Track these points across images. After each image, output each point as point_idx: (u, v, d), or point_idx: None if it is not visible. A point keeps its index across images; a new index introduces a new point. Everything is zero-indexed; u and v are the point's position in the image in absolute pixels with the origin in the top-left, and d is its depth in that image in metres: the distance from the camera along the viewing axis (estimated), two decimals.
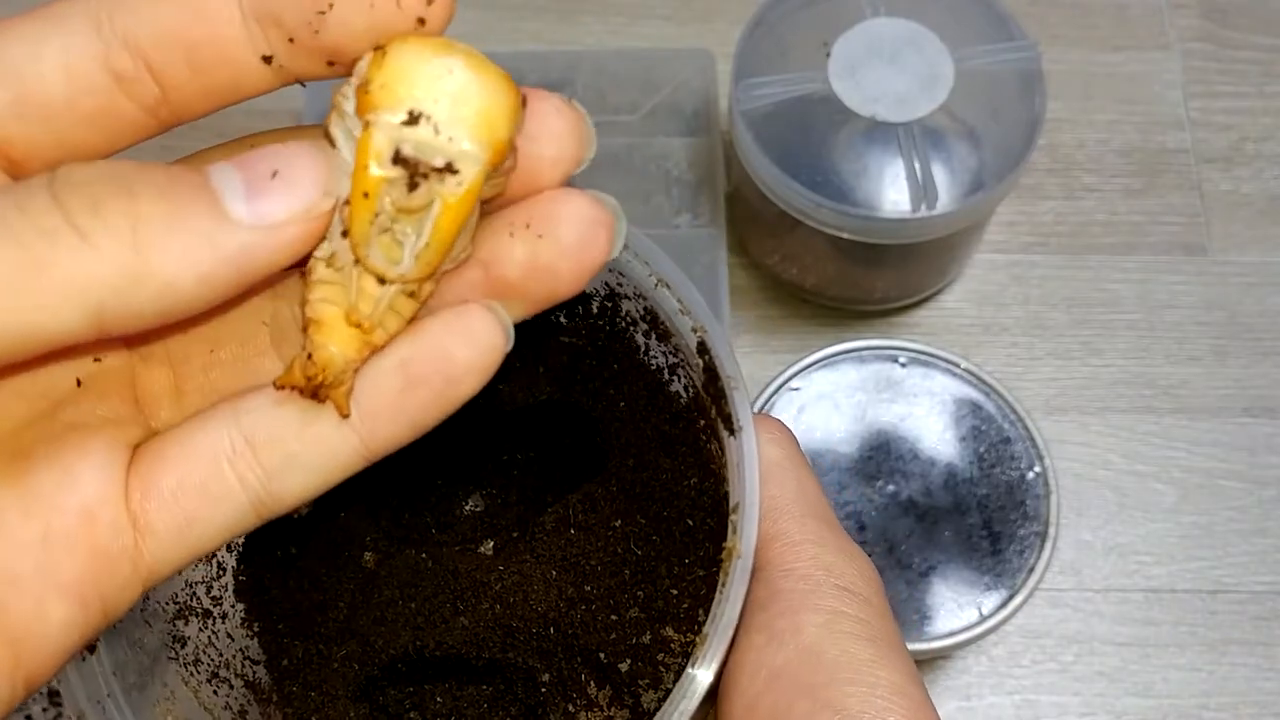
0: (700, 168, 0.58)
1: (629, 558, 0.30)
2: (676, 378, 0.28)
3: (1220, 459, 0.55)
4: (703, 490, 0.28)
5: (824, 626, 0.24)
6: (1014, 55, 0.50)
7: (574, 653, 0.29)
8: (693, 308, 0.27)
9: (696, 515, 0.28)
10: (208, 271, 0.16)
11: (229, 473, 0.19)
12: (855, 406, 0.48)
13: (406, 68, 0.17)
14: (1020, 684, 0.51)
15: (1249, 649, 0.52)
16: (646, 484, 0.30)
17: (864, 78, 0.49)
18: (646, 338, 0.29)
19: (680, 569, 0.28)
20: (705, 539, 0.28)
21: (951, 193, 0.48)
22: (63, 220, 0.16)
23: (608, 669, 0.29)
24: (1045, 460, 0.46)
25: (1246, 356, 0.57)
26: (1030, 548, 0.45)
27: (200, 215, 0.16)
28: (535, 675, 0.29)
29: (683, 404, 0.29)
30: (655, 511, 0.29)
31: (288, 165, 0.17)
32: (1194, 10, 0.65)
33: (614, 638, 0.29)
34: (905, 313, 0.58)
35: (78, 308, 0.16)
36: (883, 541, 0.46)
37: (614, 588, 0.29)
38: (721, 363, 0.26)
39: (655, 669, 0.28)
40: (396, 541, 0.32)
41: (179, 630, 0.29)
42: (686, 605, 0.28)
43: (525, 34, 0.64)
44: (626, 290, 0.28)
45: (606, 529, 0.30)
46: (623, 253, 0.27)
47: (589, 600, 0.29)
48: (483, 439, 0.33)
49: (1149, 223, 0.60)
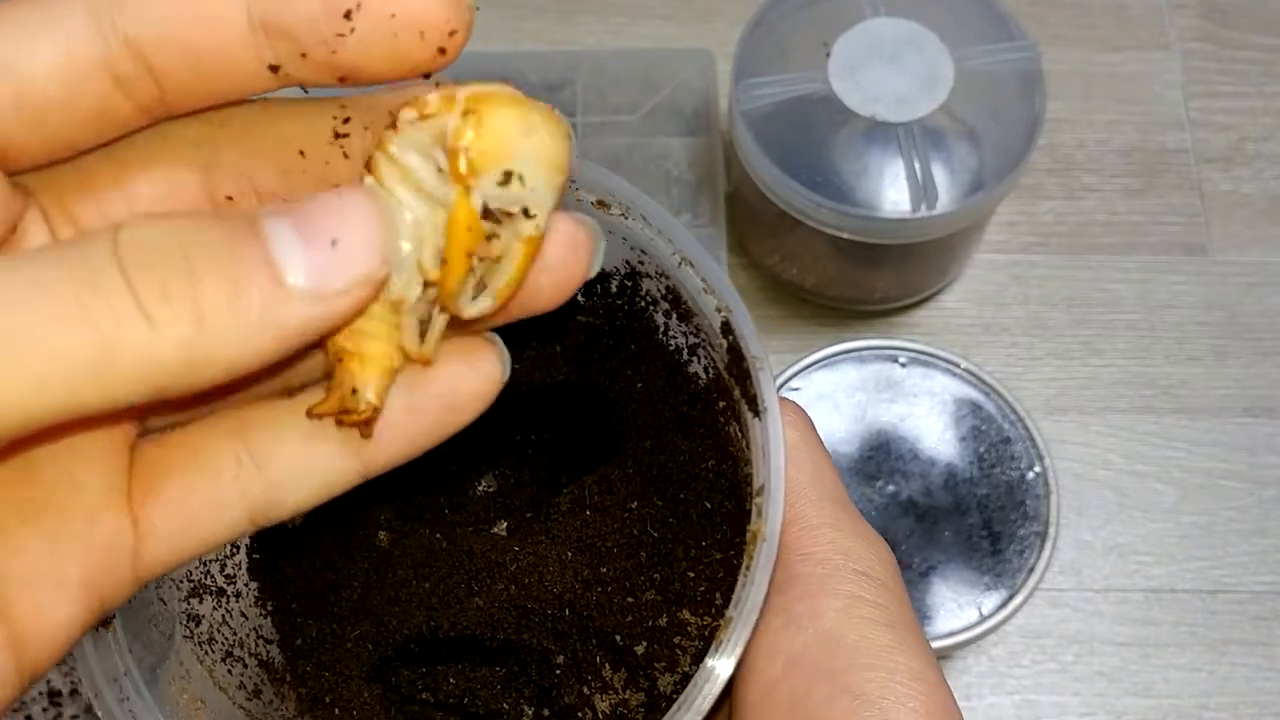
0: (700, 168, 0.58)
1: (645, 540, 0.30)
2: (696, 358, 0.28)
3: (1220, 459, 0.55)
4: (720, 473, 0.28)
5: (842, 611, 0.24)
6: (1014, 55, 0.50)
7: (589, 635, 0.29)
8: (717, 287, 0.26)
9: (714, 498, 0.28)
10: (268, 348, 0.17)
11: (232, 484, 0.19)
12: (855, 406, 0.48)
13: (503, 134, 0.18)
14: (1020, 684, 0.51)
15: (1249, 649, 0.52)
16: (664, 466, 0.30)
17: (864, 78, 0.49)
18: (667, 317, 0.28)
19: (698, 551, 0.28)
20: (723, 522, 0.28)
21: (951, 193, 0.48)
22: (134, 306, 0.16)
23: (623, 651, 0.29)
24: (1045, 460, 0.46)
25: (1246, 356, 0.57)
26: (1030, 548, 0.45)
27: (262, 292, 0.16)
28: (550, 657, 0.29)
29: (702, 385, 0.28)
30: (672, 493, 0.29)
31: (347, 232, 0.17)
32: (1194, 10, 0.65)
33: (630, 620, 0.29)
34: (905, 313, 0.58)
35: (140, 389, 0.16)
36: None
37: (630, 570, 0.29)
38: (747, 343, 0.26)
39: (671, 652, 0.28)
40: (410, 521, 0.32)
41: (193, 609, 0.29)
42: (704, 588, 0.28)
43: (525, 34, 0.64)
44: (648, 269, 0.28)
45: (623, 510, 0.30)
46: (645, 230, 0.26)
47: (605, 582, 0.29)
48: (497, 419, 0.33)
49: (1149, 223, 0.60)
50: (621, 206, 0.26)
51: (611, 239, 0.27)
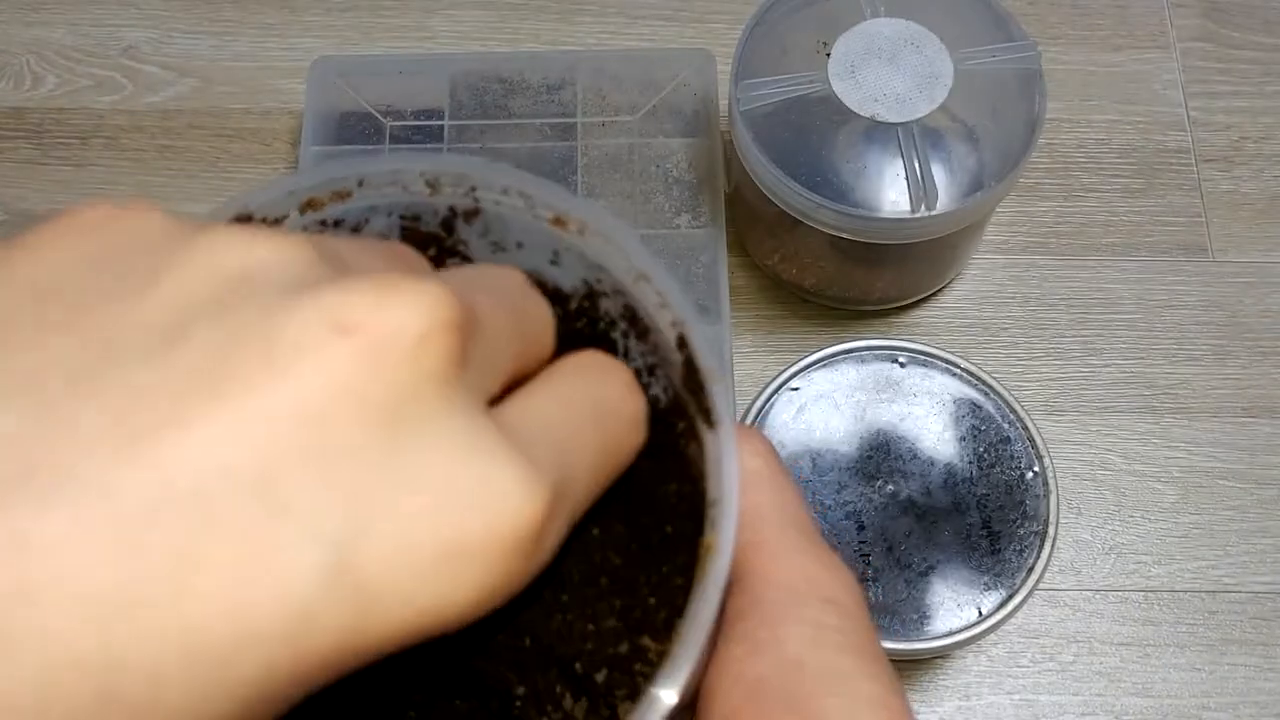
0: (700, 168, 0.58)
1: (606, 565, 0.29)
2: (655, 379, 0.28)
3: (1220, 459, 0.55)
4: (682, 496, 0.28)
5: (806, 638, 0.23)
6: (1014, 55, 0.50)
7: (549, 663, 0.29)
8: (671, 300, 0.26)
9: (676, 521, 0.28)
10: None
11: None
12: (855, 406, 0.48)
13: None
14: (1020, 684, 0.51)
15: (1249, 649, 0.52)
16: (625, 490, 0.29)
17: (863, 78, 0.49)
18: (625, 338, 0.28)
19: (658, 577, 0.28)
20: (684, 546, 0.28)
21: (951, 193, 0.48)
22: None
23: (583, 679, 0.28)
24: (1044, 460, 0.46)
25: (1246, 356, 0.57)
26: (1030, 547, 0.45)
27: None
28: (510, 688, 0.29)
29: (662, 406, 0.28)
30: (633, 518, 0.29)
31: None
32: (1194, 10, 0.65)
33: (590, 648, 0.28)
34: (905, 313, 0.58)
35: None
36: (882, 541, 0.46)
37: (590, 596, 0.29)
38: (700, 355, 0.25)
39: (632, 679, 0.28)
40: None
41: None
42: (664, 614, 0.28)
43: (525, 34, 0.64)
44: (604, 287, 0.27)
45: (583, 536, 0.30)
46: (605, 246, 0.26)
47: (565, 609, 0.29)
48: None
49: (1149, 223, 0.60)
50: (578, 223, 0.26)
51: (569, 257, 0.27)
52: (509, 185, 0.26)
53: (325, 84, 0.59)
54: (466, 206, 0.26)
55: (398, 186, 0.26)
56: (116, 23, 0.65)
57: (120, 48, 0.65)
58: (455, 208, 0.26)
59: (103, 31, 0.65)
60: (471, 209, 0.26)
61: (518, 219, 0.26)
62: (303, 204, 0.25)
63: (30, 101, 0.63)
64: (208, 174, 0.61)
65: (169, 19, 0.65)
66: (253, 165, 0.61)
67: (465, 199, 0.26)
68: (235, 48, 0.65)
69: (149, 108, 0.63)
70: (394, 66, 0.60)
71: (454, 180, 0.26)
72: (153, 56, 0.64)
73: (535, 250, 0.27)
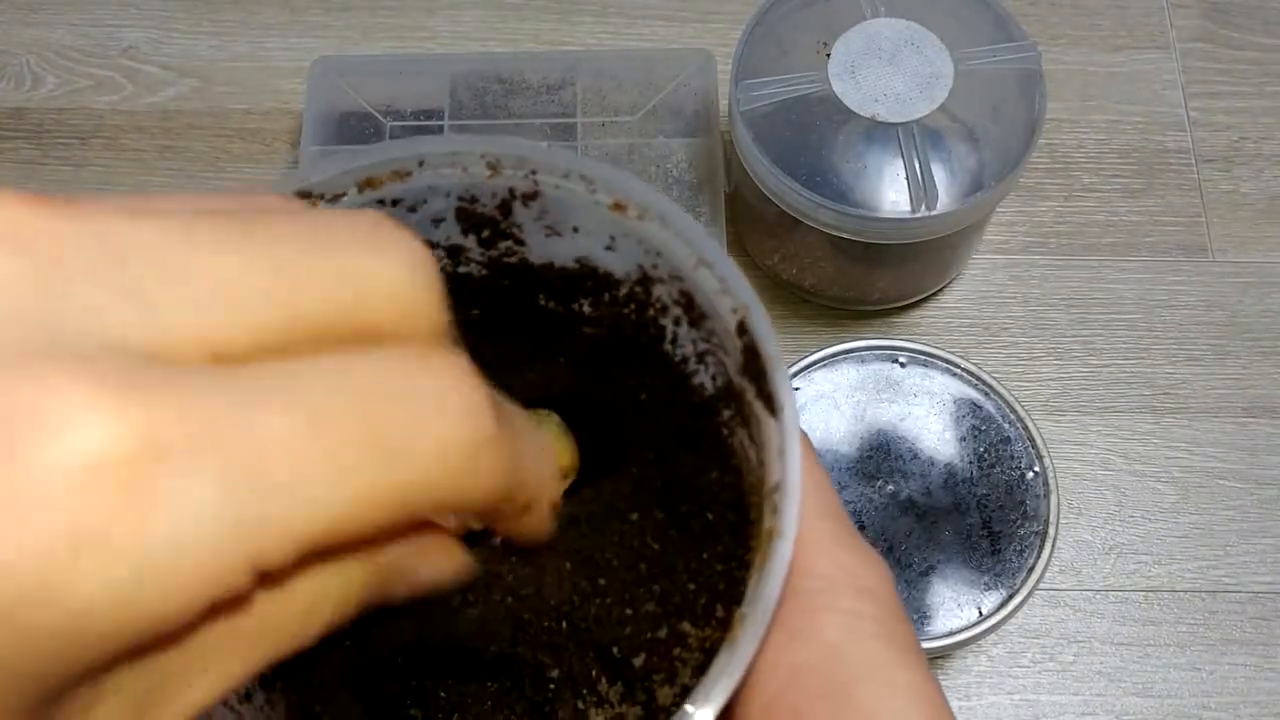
0: (700, 168, 0.58)
1: (645, 552, 0.29)
2: (705, 366, 0.28)
3: (1220, 459, 0.55)
4: (724, 484, 0.28)
5: (844, 627, 0.24)
6: (1014, 55, 0.50)
7: (586, 647, 0.29)
8: (733, 287, 0.25)
9: (716, 509, 0.28)
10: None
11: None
12: (855, 406, 0.48)
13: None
14: (1020, 684, 0.51)
15: (1249, 649, 0.52)
16: (665, 478, 0.29)
17: (864, 78, 0.49)
18: (677, 324, 0.28)
19: (698, 564, 0.28)
20: (725, 534, 0.28)
21: (951, 193, 0.48)
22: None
23: (620, 664, 0.28)
24: (1045, 460, 0.46)
25: (1246, 356, 0.57)
26: (1030, 547, 0.45)
27: None
28: (544, 670, 0.29)
29: (709, 394, 0.28)
30: (674, 506, 0.29)
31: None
32: (1194, 10, 0.65)
33: (628, 632, 0.28)
34: (905, 313, 0.58)
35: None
36: (882, 541, 0.46)
37: (629, 582, 0.29)
38: (764, 342, 0.25)
39: (670, 664, 0.28)
40: None
41: None
42: (705, 600, 0.28)
43: (525, 34, 0.64)
44: (661, 273, 0.27)
45: (623, 523, 0.30)
46: (662, 232, 0.26)
47: (603, 594, 0.29)
48: None
49: (1149, 223, 0.60)
50: (639, 209, 0.26)
51: (626, 242, 0.26)
52: (570, 169, 0.25)
53: (325, 84, 0.59)
54: (526, 189, 0.26)
55: (457, 168, 0.26)
56: (116, 23, 0.65)
57: (120, 48, 0.65)
58: (515, 189, 0.26)
59: (102, 31, 0.65)
60: (531, 191, 0.26)
61: (577, 202, 0.26)
62: (361, 182, 0.25)
63: (30, 102, 0.63)
64: (207, 174, 0.61)
65: (169, 19, 0.65)
66: (253, 165, 0.61)
67: (525, 181, 0.26)
68: (235, 48, 0.65)
69: (149, 108, 0.63)
70: (394, 66, 0.60)
71: (515, 163, 0.25)
72: (153, 56, 0.64)
73: (592, 235, 0.27)
